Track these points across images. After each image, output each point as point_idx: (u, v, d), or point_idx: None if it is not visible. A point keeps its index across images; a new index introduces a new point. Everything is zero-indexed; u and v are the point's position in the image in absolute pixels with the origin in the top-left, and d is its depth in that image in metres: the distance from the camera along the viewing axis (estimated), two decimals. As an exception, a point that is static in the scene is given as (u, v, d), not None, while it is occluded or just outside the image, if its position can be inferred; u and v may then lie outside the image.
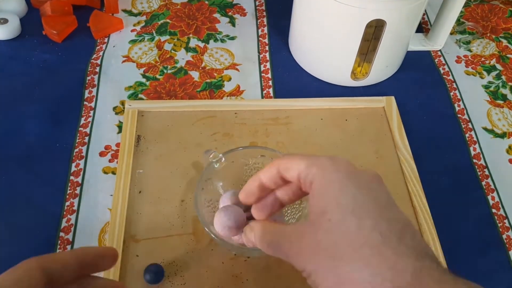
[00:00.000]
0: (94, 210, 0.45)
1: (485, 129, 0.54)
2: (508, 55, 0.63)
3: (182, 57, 0.59)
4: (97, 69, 0.57)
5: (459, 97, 0.57)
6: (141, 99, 0.54)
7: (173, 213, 0.44)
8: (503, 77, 0.60)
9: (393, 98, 0.55)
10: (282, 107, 0.53)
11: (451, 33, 0.64)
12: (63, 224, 0.44)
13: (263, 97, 0.55)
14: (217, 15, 0.65)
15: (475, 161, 0.51)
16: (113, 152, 0.49)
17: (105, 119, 0.52)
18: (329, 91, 0.56)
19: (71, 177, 0.47)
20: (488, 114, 0.56)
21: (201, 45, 0.61)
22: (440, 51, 0.62)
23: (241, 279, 0.41)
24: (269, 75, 0.58)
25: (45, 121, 0.51)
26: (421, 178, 0.48)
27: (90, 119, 0.52)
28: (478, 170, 0.50)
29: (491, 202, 0.48)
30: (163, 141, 0.50)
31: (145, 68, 0.58)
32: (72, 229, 0.44)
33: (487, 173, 0.50)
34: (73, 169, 0.48)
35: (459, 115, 0.55)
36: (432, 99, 0.57)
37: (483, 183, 0.49)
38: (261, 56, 0.60)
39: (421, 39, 0.63)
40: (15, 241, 0.43)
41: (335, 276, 0.25)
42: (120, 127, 0.51)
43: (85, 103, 0.54)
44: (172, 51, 0.60)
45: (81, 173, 0.48)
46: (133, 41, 0.61)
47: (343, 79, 0.56)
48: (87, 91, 0.55)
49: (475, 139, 0.53)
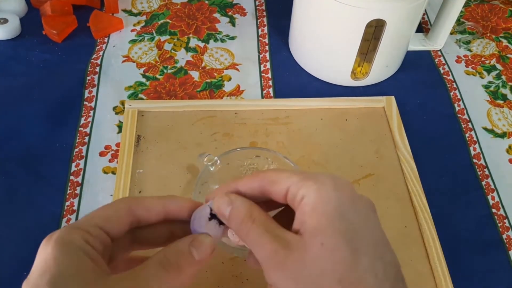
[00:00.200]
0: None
1: (485, 129, 0.54)
2: (508, 55, 0.63)
3: (182, 57, 0.59)
4: (97, 69, 0.57)
5: (459, 97, 0.57)
6: (141, 99, 0.54)
7: (173, 213, 0.44)
8: (503, 77, 0.60)
9: (393, 98, 0.55)
10: (282, 107, 0.53)
11: (451, 33, 0.63)
12: (63, 224, 0.44)
13: (263, 97, 0.55)
14: (217, 15, 0.65)
15: (475, 161, 0.51)
16: (113, 152, 0.49)
17: (105, 119, 0.52)
18: (329, 91, 0.56)
19: (71, 177, 0.47)
20: (488, 114, 0.56)
21: (201, 45, 0.61)
22: (440, 51, 0.62)
23: (241, 279, 0.41)
24: (269, 75, 0.58)
25: (45, 121, 0.51)
26: (421, 178, 0.48)
27: (90, 119, 0.52)
28: (478, 170, 0.50)
29: (491, 202, 0.48)
30: (163, 141, 0.50)
31: (145, 68, 0.58)
32: (72, 229, 0.44)
33: (487, 173, 0.50)
34: (73, 169, 0.48)
35: (459, 115, 0.55)
36: (432, 99, 0.57)
37: (483, 183, 0.49)
38: (261, 56, 0.60)
39: (421, 39, 0.62)
40: (15, 241, 0.43)
41: None
42: (120, 127, 0.51)
43: (85, 103, 0.53)
44: (172, 51, 0.60)
45: (81, 173, 0.48)
46: (133, 41, 0.61)
47: (343, 79, 0.56)
48: (87, 91, 0.55)
49: (475, 139, 0.53)
